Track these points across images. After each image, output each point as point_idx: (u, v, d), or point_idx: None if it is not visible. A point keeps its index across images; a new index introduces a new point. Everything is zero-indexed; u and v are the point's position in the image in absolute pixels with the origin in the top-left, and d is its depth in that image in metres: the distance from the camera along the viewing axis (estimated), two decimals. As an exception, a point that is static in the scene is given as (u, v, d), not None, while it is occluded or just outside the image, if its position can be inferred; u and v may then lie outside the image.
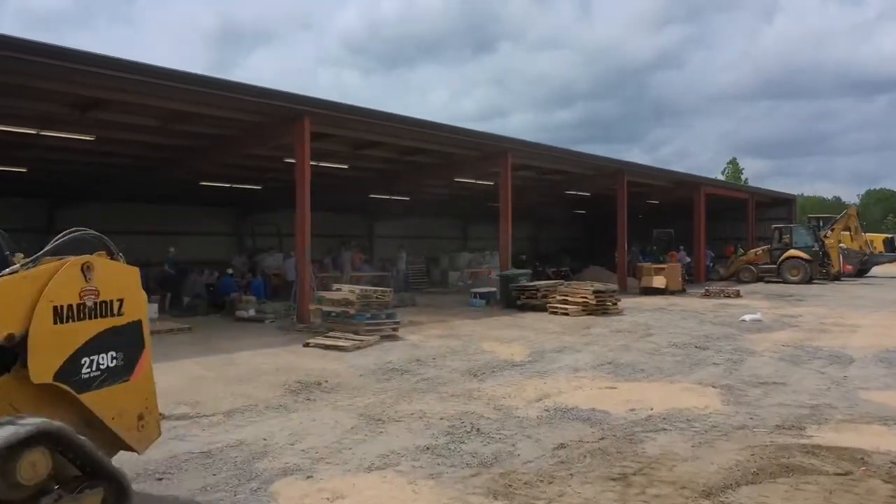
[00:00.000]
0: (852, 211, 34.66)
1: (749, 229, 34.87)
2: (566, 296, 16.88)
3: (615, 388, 8.51)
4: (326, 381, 8.93)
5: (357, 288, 12.47)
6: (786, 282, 28.44)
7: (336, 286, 13.04)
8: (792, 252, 29.53)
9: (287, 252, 20.35)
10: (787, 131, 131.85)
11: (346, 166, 20.44)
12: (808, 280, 28.53)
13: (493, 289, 19.91)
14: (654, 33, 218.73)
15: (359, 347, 11.46)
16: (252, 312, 15.19)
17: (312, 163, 18.81)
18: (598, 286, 16.93)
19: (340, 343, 11.53)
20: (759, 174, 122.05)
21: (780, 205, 38.91)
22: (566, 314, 16.29)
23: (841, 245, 31.54)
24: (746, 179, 69.33)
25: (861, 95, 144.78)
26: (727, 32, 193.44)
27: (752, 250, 31.71)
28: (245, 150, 16.26)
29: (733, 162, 69.32)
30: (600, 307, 16.51)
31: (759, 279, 29.64)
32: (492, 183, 24.34)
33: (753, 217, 35.04)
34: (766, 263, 30.15)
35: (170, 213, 25.01)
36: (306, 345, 11.73)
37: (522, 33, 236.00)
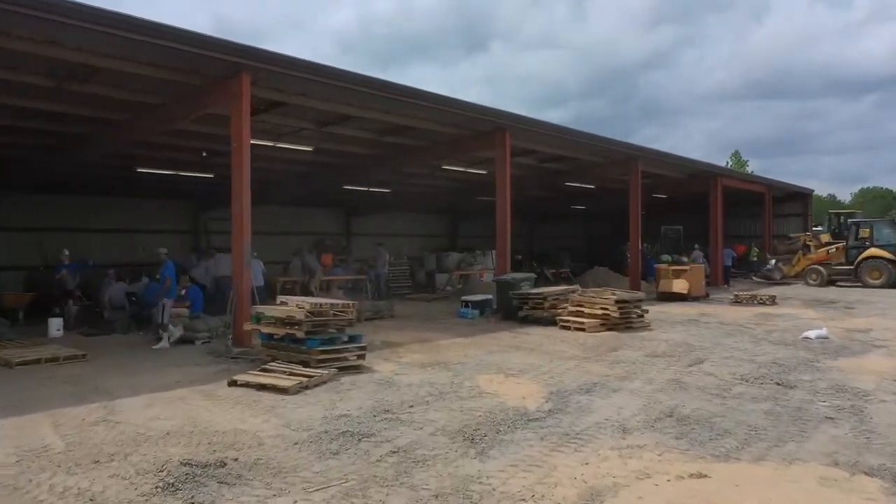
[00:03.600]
0: None
1: (766, 226, 31.76)
2: (581, 306, 13.56)
3: (705, 475, 5.17)
4: (236, 460, 5.56)
5: (308, 301, 9.09)
6: (865, 285, 24.91)
7: (281, 298, 9.68)
8: (873, 251, 25.70)
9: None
10: (773, 131, 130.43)
11: (310, 148, 17.01)
12: (893, 284, 24.73)
13: (489, 296, 16.56)
14: (646, 33, 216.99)
15: (305, 387, 8.09)
16: (179, 332, 11.74)
17: (266, 143, 15.54)
18: (622, 294, 13.60)
19: (280, 381, 8.14)
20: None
21: (795, 199, 35.87)
22: (581, 329, 12.98)
23: None
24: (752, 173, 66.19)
25: (847, 96, 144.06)
26: (718, 33, 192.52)
27: (821, 248, 27.81)
28: (171, 121, 12.80)
29: (736, 155, 66.07)
30: (623, 321, 13.21)
31: (830, 282, 25.93)
32: (485, 172, 21.09)
33: (770, 212, 31.91)
34: (841, 264, 26.41)
35: (115, 206, 21.55)
36: (232, 383, 8.32)
37: (515, 33, 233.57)
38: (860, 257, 25.79)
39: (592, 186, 27.43)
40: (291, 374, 8.51)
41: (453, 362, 9.97)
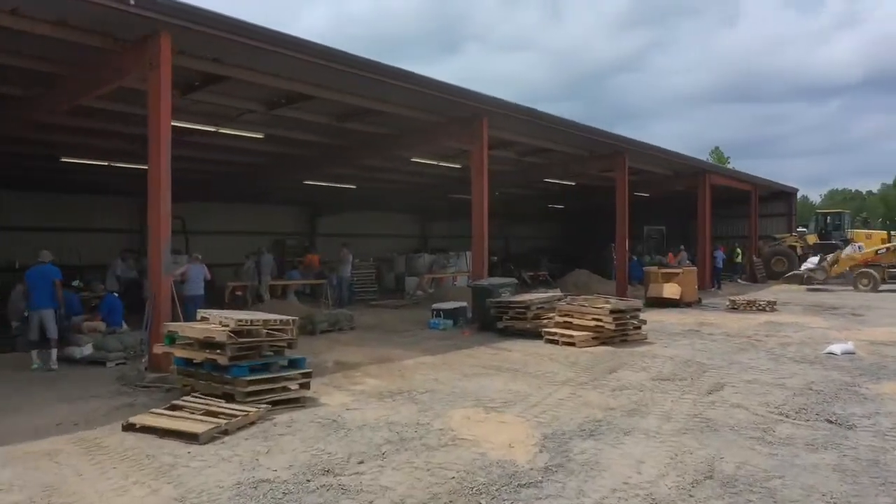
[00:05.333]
0: None
1: (752, 226, 30.37)
2: (570, 316, 11.74)
3: None
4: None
5: (233, 317, 7.12)
6: None
7: (202, 313, 7.69)
8: None
9: (191, 254, 14.78)
10: (742, 134, 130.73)
11: (260, 135, 14.96)
12: None
13: (463, 303, 14.67)
14: (619, 36, 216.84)
15: (224, 432, 6.13)
16: (88, 351, 9.65)
17: (207, 127, 13.50)
18: (617, 303, 11.81)
19: (190, 424, 6.17)
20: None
21: (780, 199, 34.68)
22: (571, 344, 11.16)
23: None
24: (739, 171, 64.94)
25: (813, 100, 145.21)
26: (689, 37, 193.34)
27: (871, 248, 25.43)
28: (80, 96, 10.70)
29: (717, 152, 64.89)
30: (619, 333, 11.43)
31: (880, 285, 23.34)
32: (459, 166, 19.22)
33: (756, 211, 30.54)
34: (893, 266, 23.87)
35: (39, 202, 19.27)
36: (128, 427, 6.32)
37: (490, 35, 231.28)
38: None
39: (573, 183, 25.73)
40: (208, 412, 6.54)
41: (420, 390, 8.07)
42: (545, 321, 12.18)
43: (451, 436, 6.17)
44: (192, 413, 6.54)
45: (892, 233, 30.20)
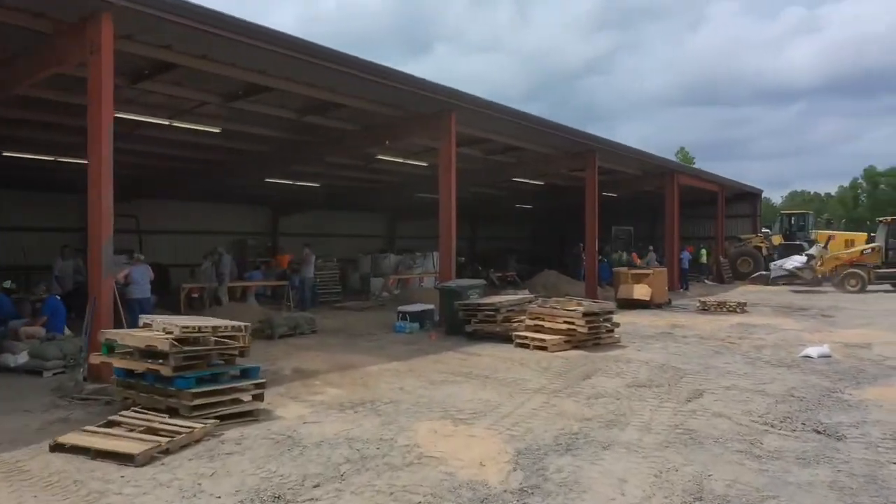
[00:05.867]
0: None
1: (719, 226, 30.42)
2: (541, 319, 11.30)
3: None
4: None
5: (178, 323, 6.48)
6: None
7: (144, 319, 7.03)
8: None
9: (133, 254, 13.96)
10: (705, 137, 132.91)
11: (216, 130, 14.25)
12: None
13: (430, 305, 14.16)
14: (587, 39, 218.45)
15: (165, 451, 5.53)
16: (23, 359, 8.89)
17: (159, 120, 12.78)
18: (590, 305, 11.41)
19: (126, 443, 5.55)
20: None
21: (745, 199, 34.91)
22: (542, 348, 10.72)
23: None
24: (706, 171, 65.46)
25: (773, 104, 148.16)
26: (657, 40, 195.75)
27: (852, 249, 25.26)
28: (19, 84, 9.92)
29: (682, 152, 65.35)
30: (592, 337, 11.04)
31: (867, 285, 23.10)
32: (426, 164, 18.72)
33: (723, 212, 30.60)
34: (883, 266, 23.53)
35: None
36: (56, 447, 5.67)
37: (459, 35, 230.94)
38: None
39: (542, 183, 25.41)
40: (148, 429, 5.92)
41: (384, 400, 7.53)
42: (515, 324, 11.74)
43: (416, 453, 5.65)
44: (131, 430, 5.92)
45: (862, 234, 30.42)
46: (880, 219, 26.82)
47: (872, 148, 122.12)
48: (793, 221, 32.17)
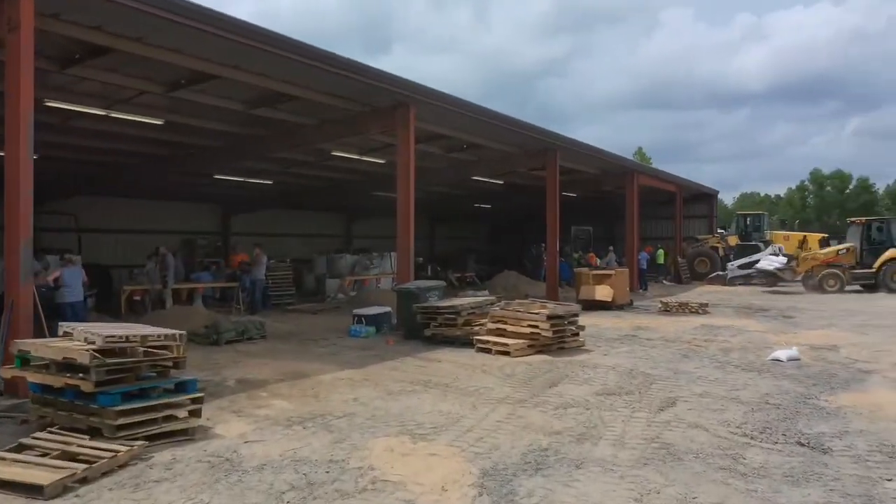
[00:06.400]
0: None
1: (677, 227, 30.48)
2: (503, 322, 10.80)
3: None
4: None
5: (102, 333, 5.75)
6: (891, 290, 22.47)
7: (64, 327, 6.24)
8: (894, 252, 23.23)
9: (63, 255, 12.98)
10: (659, 139, 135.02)
11: (159, 121, 13.37)
12: None
13: (387, 308, 13.54)
14: (544, 42, 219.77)
15: (82, 480, 4.82)
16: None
17: (98, 111, 11.93)
18: (554, 308, 10.95)
19: (35, 473, 4.82)
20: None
21: (702, 200, 35.14)
22: (505, 353, 10.21)
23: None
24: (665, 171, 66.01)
25: (724, 108, 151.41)
26: (611, 44, 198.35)
27: (828, 249, 25.41)
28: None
29: (640, 153, 65.89)
30: (556, 340, 10.58)
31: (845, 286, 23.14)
32: (383, 161, 18.09)
33: (681, 212, 30.69)
34: (857, 267, 23.66)
35: None
36: (-48, 477, 4.90)
37: (418, 36, 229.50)
38: (882, 259, 23.25)
39: (501, 182, 24.99)
40: (65, 453, 5.19)
41: (336, 414, 6.90)
42: (477, 328, 11.23)
43: (370, 477, 5.05)
44: (44, 455, 5.18)
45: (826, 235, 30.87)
46: (852, 219, 27.20)
47: (817, 152, 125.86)
48: (748, 222, 32.46)
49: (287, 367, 9.40)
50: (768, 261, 25.18)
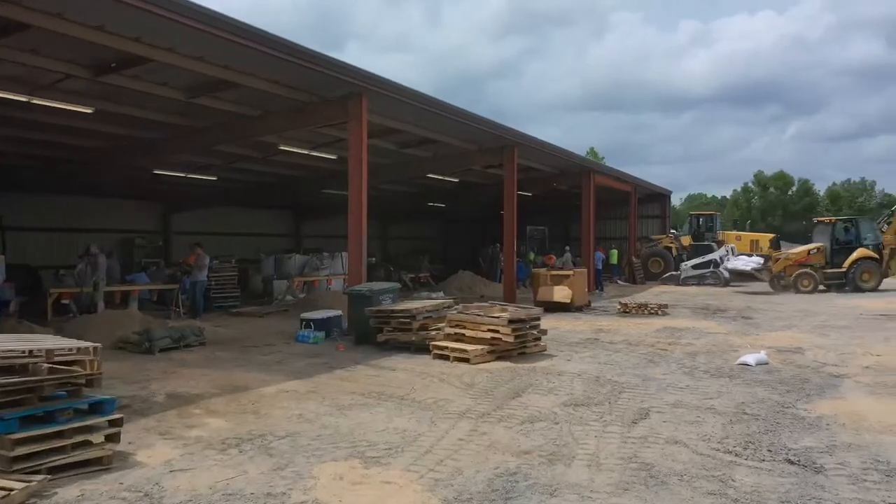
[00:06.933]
0: None
1: (631, 226, 30.38)
2: (462, 327, 10.16)
3: None
4: None
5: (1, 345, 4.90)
6: (859, 290, 22.47)
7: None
8: (864, 251, 23.35)
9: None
10: (610, 141, 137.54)
11: (88, 110, 12.28)
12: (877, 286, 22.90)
13: (338, 312, 12.77)
14: (495, 43, 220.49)
15: (-39, 529, 3.98)
16: None
17: (18, 97, 10.94)
18: (516, 311, 10.37)
19: None
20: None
21: (655, 200, 35.22)
22: (464, 360, 9.59)
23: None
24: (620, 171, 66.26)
25: (670, 111, 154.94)
26: (562, 47, 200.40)
27: (798, 249, 25.17)
28: None
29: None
30: (518, 346, 10.00)
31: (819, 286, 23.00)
32: (334, 157, 17.29)
33: (636, 212, 30.61)
34: (827, 267, 23.61)
35: None
36: None
37: (371, 34, 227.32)
38: (852, 258, 23.34)
39: (457, 180, 24.38)
40: (-56, 494, 4.32)
41: (279, 433, 6.15)
42: (433, 332, 10.56)
43: (315, 513, 4.34)
44: (-83, 497, 4.31)
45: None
46: (818, 219, 27.47)
47: (759, 155, 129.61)
48: (701, 222, 32.63)
49: (226, 378, 8.57)
50: (743, 261, 25.24)
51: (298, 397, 7.58)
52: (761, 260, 24.79)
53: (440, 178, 23.18)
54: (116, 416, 5.47)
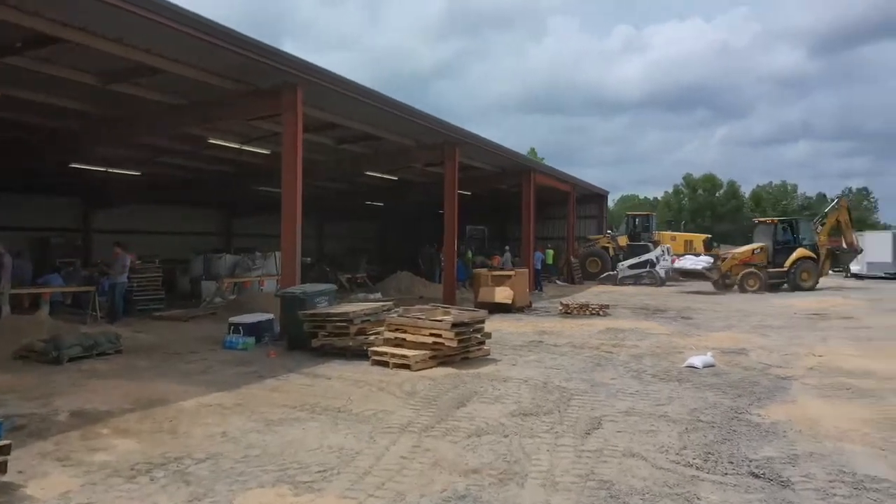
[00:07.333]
0: (844, 203, 28.07)
1: (570, 227, 30.40)
2: (403, 332, 9.61)
3: None
4: None
5: None
6: (798, 289, 22.98)
7: None
8: (804, 251, 24.04)
9: None
10: (548, 143, 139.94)
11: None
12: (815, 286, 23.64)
13: (269, 315, 12.02)
14: (437, 44, 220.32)
15: None
16: None
17: None
18: (459, 314, 9.89)
19: None
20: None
21: (593, 201, 35.51)
22: (405, 366, 9.05)
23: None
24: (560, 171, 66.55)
25: (604, 115, 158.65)
26: (501, 49, 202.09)
27: (742, 249, 25.57)
28: None
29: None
30: (462, 350, 9.53)
31: (765, 287, 23.40)
32: (267, 151, 16.49)
33: (574, 212, 30.66)
34: (769, 266, 24.10)
35: None
36: None
37: (310, 31, 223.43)
38: (792, 258, 23.96)
39: (395, 178, 23.79)
40: None
41: (198, 455, 5.47)
42: (372, 337, 9.98)
43: (236, 557, 3.73)
44: None
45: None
46: (760, 219, 28.14)
47: (688, 157, 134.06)
48: (637, 222, 33.01)
49: (142, 390, 7.77)
50: (692, 261, 25.57)
51: (223, 412, 6.88)
52: (711, 259, 25.22)
53: (379, 175, 22.55)
54: (3, 441, 4.70)
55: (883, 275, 31.92)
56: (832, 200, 31.97)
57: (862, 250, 28.09)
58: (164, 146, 16.63)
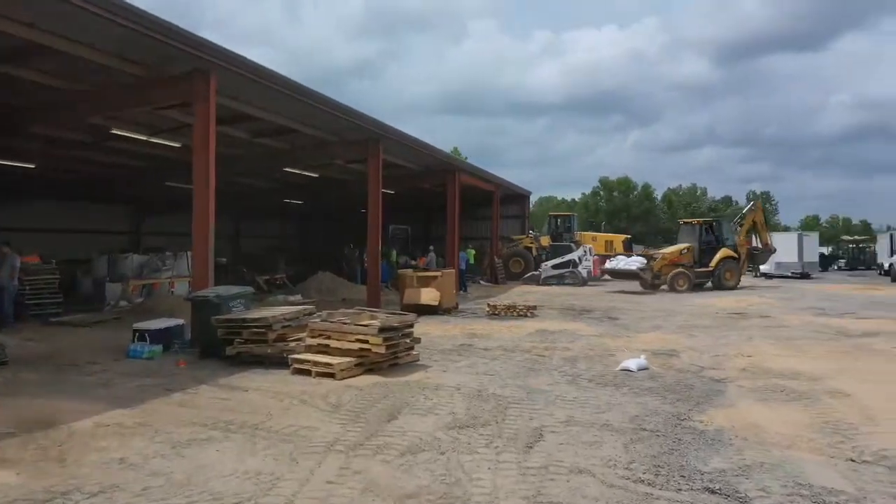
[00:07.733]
0: (760, 205, 29.74)
1: (494, 227, 30.27)
2: (325, 337, 8.97)
3: None
4: None
5: None
6: (721, 288, 23.64)
7: None
8: (727, 251, 24.77)
9: None
10: (466, 144, 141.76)
11: None
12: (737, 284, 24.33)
13: (179, 321, 11.08)
14: (355, 43, 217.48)
15: None
16: None
17: None
18: (387, 319, 9.31)
19: None
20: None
21: (515, 201, 35.57)
22: (329, 374, 8.41)
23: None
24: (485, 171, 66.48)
25: (524, 117, 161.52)
26: (421, 50, 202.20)
27: (670, 249, 25.91)
28: None
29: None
30: (390, 356, 8.98)
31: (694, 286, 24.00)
32: (177, 144, 15.43)
33: (498, 212, 30.55)
34: (695, 266, 24.69)
35: None
36: None
37: (228, 25, 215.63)
38: (717, 258, 24.64)
39: (316, 175, 22.91)
40: None
41: (89, 488, 4.71)
42: (293, 344, 9.30)
43: None
44: None
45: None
46: (684, 220, 28.81)
47: (603, 160, 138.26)
48: (559, 223, 33.28)
49: (29, 409, 6.83)
50: (626, 262, 25.91)
51: (122, 433, 6.08)
52: (644, 260, 25.65)
53: (299, 172, 21.64)
54: None
55: (790, 274, 33.47)
56: (743, 204, 33.48)
57: (776, 250, 29.34)
58: (61, 137, 15.25)
